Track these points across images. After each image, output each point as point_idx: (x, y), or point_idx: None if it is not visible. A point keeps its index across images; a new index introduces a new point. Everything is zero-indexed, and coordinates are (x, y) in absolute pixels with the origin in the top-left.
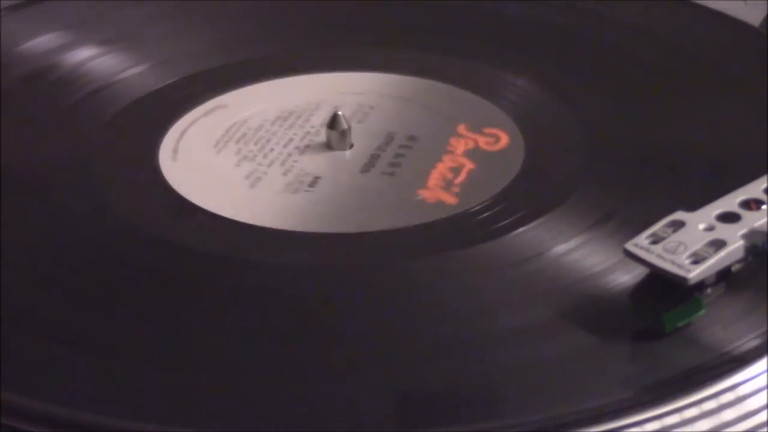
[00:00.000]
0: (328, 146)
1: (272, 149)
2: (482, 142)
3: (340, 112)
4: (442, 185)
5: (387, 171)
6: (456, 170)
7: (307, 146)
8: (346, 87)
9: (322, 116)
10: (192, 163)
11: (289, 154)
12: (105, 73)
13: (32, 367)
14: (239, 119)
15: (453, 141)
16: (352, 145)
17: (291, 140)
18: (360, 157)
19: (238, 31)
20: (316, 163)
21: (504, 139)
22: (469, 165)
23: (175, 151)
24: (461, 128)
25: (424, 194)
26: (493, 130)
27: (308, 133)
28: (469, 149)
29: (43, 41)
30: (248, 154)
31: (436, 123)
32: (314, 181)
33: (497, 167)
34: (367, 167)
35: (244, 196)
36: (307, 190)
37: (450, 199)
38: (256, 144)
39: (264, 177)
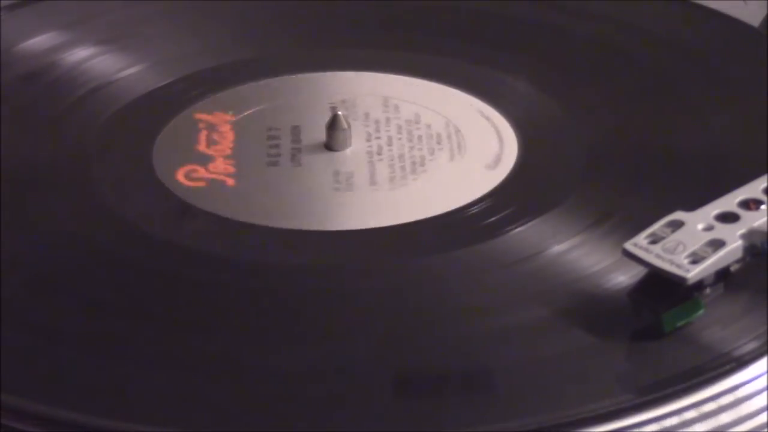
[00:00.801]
0: (327, 147)
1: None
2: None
3: (339, 112)
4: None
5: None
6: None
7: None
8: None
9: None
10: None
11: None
12: (104, 72)
13: (32, 367)
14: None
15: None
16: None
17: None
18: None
19: (235, 31)
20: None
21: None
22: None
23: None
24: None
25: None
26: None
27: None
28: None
29: (42, 40)
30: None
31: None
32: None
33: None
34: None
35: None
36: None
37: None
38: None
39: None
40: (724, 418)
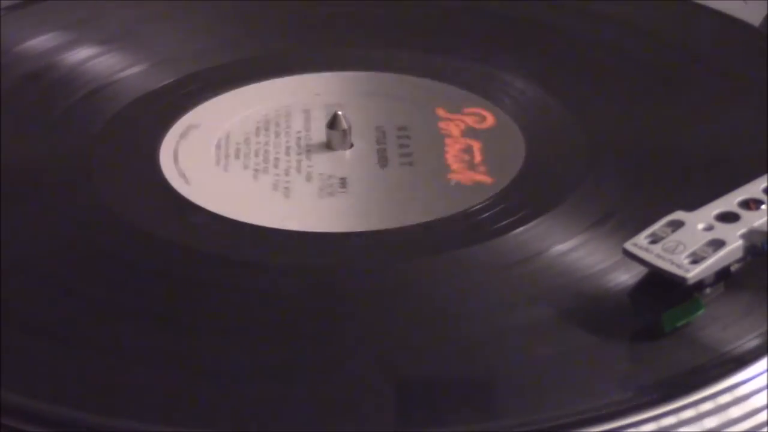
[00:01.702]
0: (328, 146)
1: (277, 158)
2: (470, 120)
3: (339, 112)
4: (467, 166)
5: (404, 162)
6: (468, 151)
7: (308, 150)
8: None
9: (300, 120)
10: (201, 180)
11: (290, 156)
12: (104, 72)
13: (32, 367)
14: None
15: (442, 125)
16: (352, 145)
17: (289, 147)
18: (368, 154)
19: (236, 31)
20: (330, 164)
21: (489, 118)
22: (476, 144)
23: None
24: (441, 112)
25: (457, 177)
26: (474, 110)
27: (299, 138)
28: (463, 129)
29: (42, 41)
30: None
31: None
32: (343, 182)
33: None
34: (384, 162)
35: (278, 206)
36: (340, 192)
37: (484, 178)
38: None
39: (290, 186)
40: (724, 417)
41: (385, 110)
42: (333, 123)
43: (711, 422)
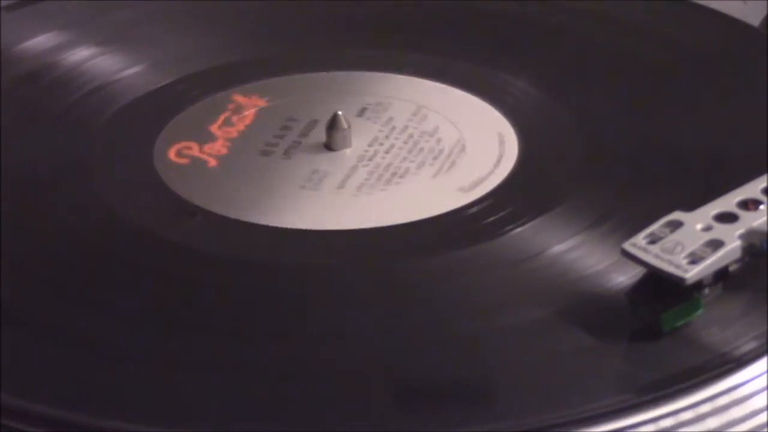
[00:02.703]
0: (327, 147)
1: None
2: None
3: (339, 112)
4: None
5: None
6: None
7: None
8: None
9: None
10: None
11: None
12: (104, 72)
13: (32, 367)
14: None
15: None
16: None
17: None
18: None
19: (237, 31)
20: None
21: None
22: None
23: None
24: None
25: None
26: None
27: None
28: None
29: (42, 40)
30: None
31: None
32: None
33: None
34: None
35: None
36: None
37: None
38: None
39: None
40: (723, 417)
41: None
42: (333, 123)
43: (710, 423)
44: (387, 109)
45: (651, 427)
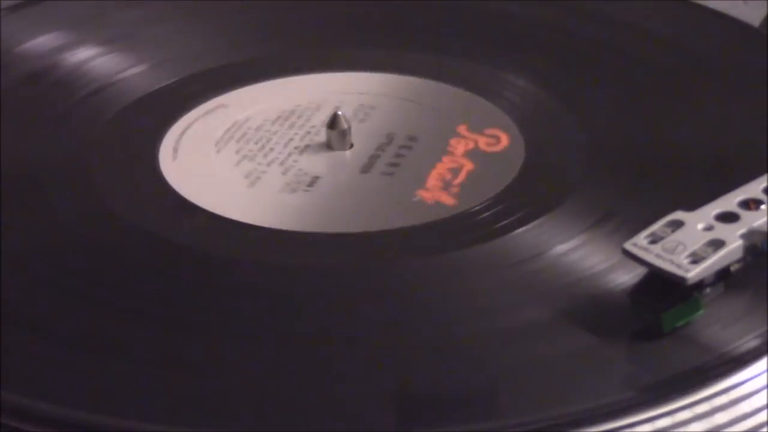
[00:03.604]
0: (328, 146)
1: (272, 149)
2: (482, 142)
3: (340, 112)
4: (441, 186)
5: (386, 171)
6: (455, 171)
7: (307, 146)
8: (346, 87)
9: (323, 116)
10: (192, 163)
11: (289, 154)
12: (105, 72)
13: (32, 367)
14: (240, 119)
15: (453, 142)
16: (352, 145)
17: (291, 140)
18: (360, 157)
19: (237, 31)
20: (316, 162)
21: (504, 140)
22: (468, 165)
23: (175, 150)
24: (462, 129)
25: (423, 195)
26: (494, 131)
27: (308, 132)
28: (469, 150)
29: (43, 41)
30: (248, 154)
31: (437, 124)
32: (313, 181)
33: (497, 167)
34: (367, 167)
35: (243, 195)
36: (305, 190)
37: (449, 200)
38: (256, 143)
39: (263, 176)
40: (724, 417)
41: (408, 117)
42: (333, 123)
43: (710, 422)
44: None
45: (652, 426)
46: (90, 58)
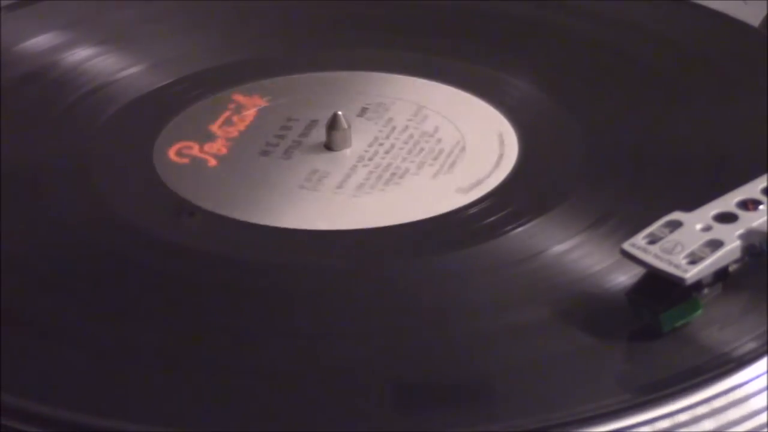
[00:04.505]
0: (327, 146)
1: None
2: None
3: (339, 112)
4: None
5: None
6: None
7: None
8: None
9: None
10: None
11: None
12: (104, 72)
13: (32, 367)
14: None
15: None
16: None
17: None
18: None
19: (237, 31)
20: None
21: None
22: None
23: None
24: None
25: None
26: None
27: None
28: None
29: (42, 40)
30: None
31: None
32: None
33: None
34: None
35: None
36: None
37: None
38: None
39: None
40: (723, 418)
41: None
42: (333, 123)
43: (710, 423)
44: (387, 110)
45: (650, 427)
46: (89, 57)
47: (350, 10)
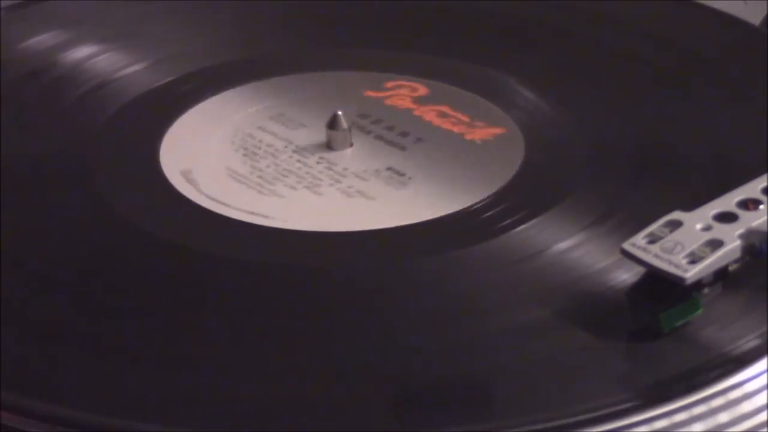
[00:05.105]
0: (328, 146)
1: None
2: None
3: (339, 112)
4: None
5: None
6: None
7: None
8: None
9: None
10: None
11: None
12: (105, 70)
13: (32, 367)
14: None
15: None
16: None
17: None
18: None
19: (237, 29)
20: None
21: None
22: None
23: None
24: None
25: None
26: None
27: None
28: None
29: (43, 39)
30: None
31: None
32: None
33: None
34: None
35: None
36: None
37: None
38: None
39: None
40: (723, 417)
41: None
42: (332, 123)
43: (710, 423)
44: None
45: (649, 427)
46: (90, 56)
47: (350, 10)
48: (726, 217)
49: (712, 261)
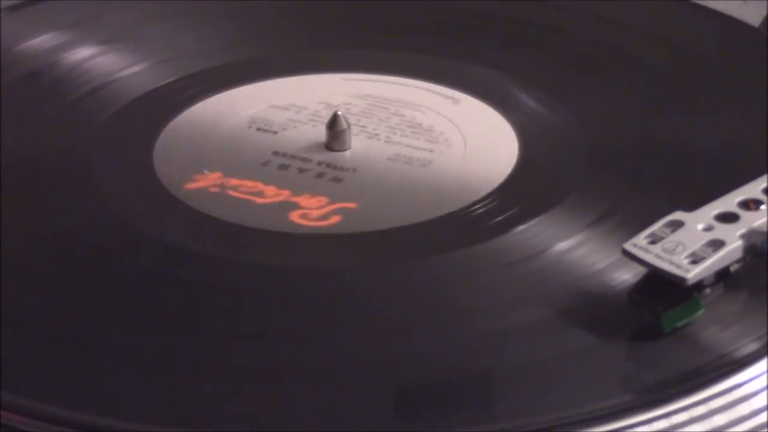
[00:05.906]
0: (327, 147)
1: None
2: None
3: (339, 112)
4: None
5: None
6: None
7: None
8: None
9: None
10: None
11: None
12: (105, 71)
13: (32, 367)
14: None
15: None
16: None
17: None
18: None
19: (237, 31)
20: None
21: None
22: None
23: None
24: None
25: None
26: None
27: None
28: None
29: (42, 40)
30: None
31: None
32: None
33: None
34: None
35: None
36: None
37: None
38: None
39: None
40: (724, 418)
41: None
42: (333, 123)
43: (710, 423)
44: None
45: (650, 427)
46: (89, 57)
47: (350, 10)
48: (727, 218)
49: (713, 261)
